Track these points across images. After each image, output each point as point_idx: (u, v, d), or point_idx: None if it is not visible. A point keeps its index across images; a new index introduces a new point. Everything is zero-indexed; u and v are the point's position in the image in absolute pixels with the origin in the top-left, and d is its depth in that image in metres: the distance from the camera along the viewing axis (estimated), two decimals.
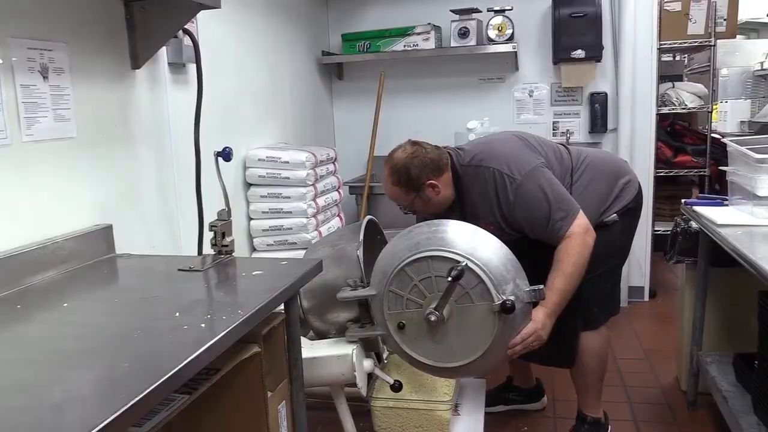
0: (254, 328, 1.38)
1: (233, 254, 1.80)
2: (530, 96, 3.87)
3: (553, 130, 3.84)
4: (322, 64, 3.87)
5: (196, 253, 2.10)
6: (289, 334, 1.67)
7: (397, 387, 2.02)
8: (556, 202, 1.97)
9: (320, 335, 2.14)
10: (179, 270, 1.66)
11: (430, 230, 1.89)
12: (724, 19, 3.96)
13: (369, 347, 2.11)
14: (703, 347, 2.48)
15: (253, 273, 1.63)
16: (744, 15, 6.17)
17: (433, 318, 1.80)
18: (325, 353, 1.98)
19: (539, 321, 1.87)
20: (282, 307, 1.60)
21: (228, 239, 1.79)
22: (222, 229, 1.78)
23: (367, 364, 2.04)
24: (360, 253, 2.03)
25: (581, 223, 1.97)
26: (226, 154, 1.77)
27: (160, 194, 2.18)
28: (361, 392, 2.02)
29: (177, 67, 2.27)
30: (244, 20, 2.88)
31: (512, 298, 1.76)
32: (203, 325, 1.24)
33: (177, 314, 1.30)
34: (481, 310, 1.79)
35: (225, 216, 1.81)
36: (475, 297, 1.79)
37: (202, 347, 1.11)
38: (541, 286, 1.82)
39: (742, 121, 5.46)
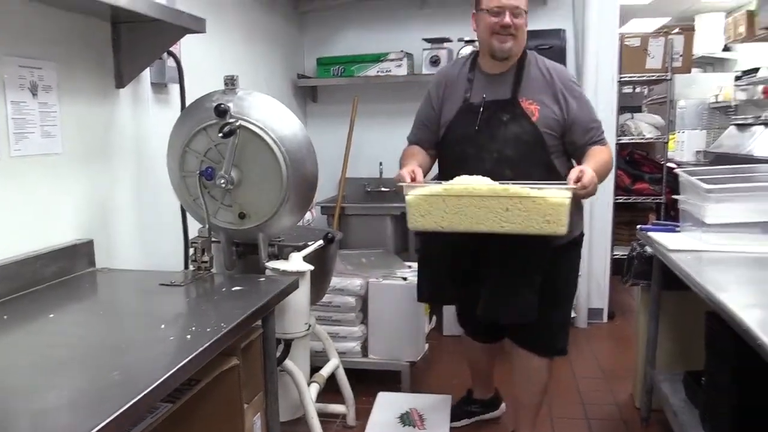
0: (234, 341, 1.45)
1: (212, 270, 1.87)
2: None
3: None
4: (297, 86, 3.97)
5: (176, 269, 2.15)
6: (265, 348, 1.74)
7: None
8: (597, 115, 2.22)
9: None
10: (161, 284, 1.71)
11: None
12: (680, 55, 4.18)
13: None
14: (657, 366, 2.61)
15: (233, 289, 1.70)
16: (700, 50, 6.49)
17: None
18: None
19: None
20: (260, 322, 1.67)
21: (207, 256, 1.86)
22: (202, 245, 1.85)
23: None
24: None
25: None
26: (208, 174, 1.84)
27: (140, 210, 2.23)
28: None
29: (159, 87, 2.34)
30: (226, 44, 2.97)
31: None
32: (188, 336, 1.30)
33: (162, 326, 1.37)
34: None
35: (205, 233, 1.88)
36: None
37: (188, 357, 1.18)
38: None
39: (698, 151, 5.70)
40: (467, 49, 3.74)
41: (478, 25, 2.14)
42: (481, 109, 2.10)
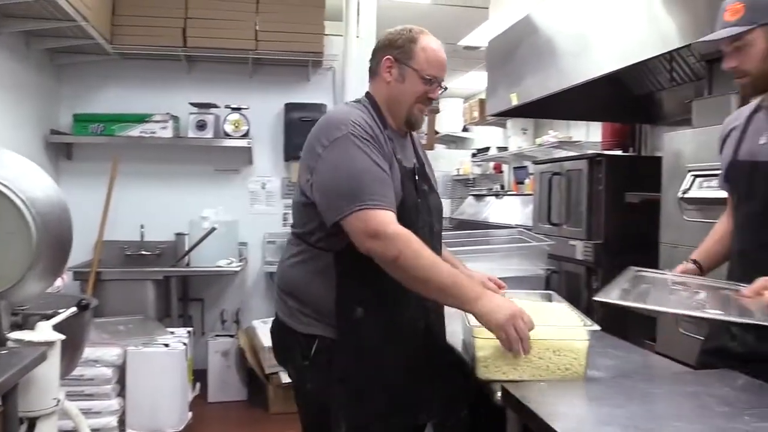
0: None
1: None
2: (263, 188, 4.16)
3: (284, 221, 4.14)
4: (49, 142, 3.70)
5: None
6: (6, 428, 1.59)
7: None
8: None
9: None
10: None
11: None
12: (425, 133, 4.75)
13: None
14: None
15: None
16: (445, 129, 7.38)
17: None
18: None
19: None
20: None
21: None
22: None
23: None
24: None
25: None
26: None
27: None
28: None
29: None
30: None
31: None
32: None
33: None
34: None
35: None
36: None
37: None
38: None
39: (444, 218, 6.42)
40: (234, 116, 3.85)
41: (400, 79, 1.76)
42: (417, 177, 1.74)
